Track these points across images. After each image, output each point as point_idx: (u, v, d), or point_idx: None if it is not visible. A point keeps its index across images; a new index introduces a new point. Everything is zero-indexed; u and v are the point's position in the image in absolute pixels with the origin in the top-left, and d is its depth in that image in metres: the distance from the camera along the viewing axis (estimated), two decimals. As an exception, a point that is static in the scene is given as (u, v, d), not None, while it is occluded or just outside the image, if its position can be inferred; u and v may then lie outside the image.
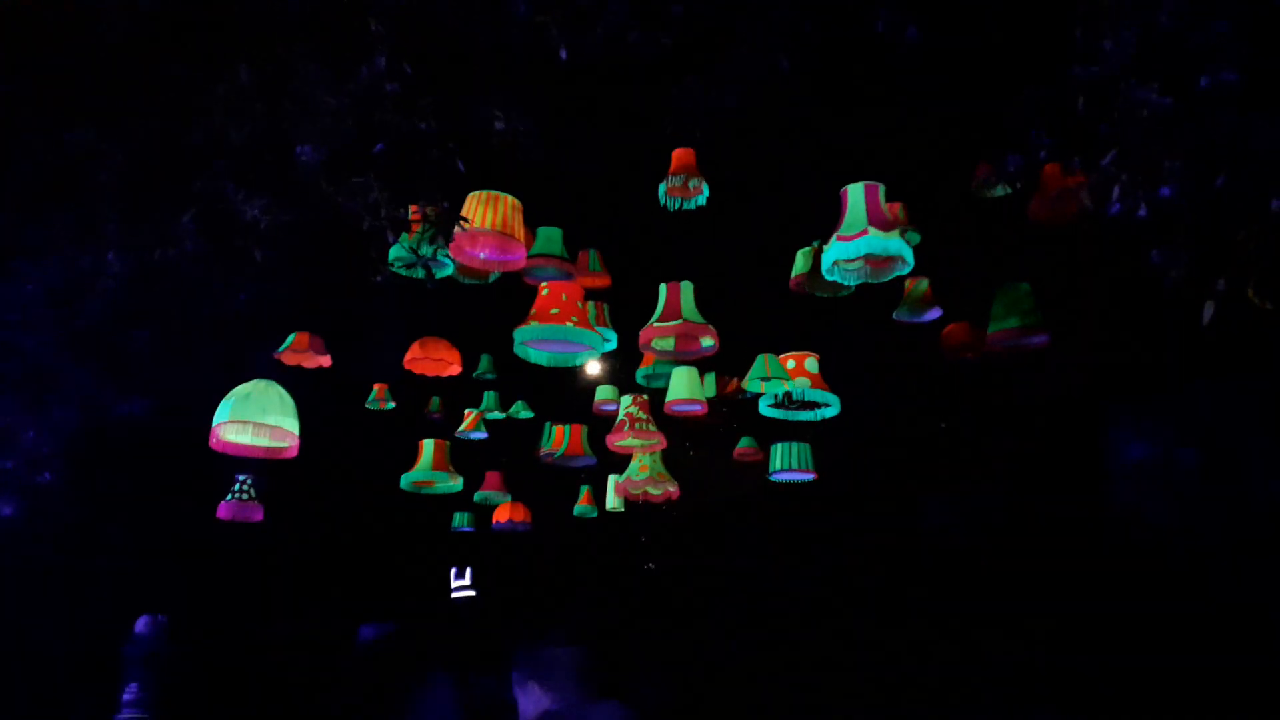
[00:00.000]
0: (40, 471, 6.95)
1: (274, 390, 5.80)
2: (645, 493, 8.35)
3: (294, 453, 6.03)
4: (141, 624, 6.57)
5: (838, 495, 10.21)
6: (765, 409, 7.14)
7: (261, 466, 7.15)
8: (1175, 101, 3.38)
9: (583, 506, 10.63)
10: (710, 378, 8.42)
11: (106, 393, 6.55)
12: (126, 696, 6.25)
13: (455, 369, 7.79)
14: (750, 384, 7.32)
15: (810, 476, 8.43)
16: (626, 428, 7.45)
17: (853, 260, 5.35)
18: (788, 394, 6.73)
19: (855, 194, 5.16)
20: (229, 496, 8.44)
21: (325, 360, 7.29)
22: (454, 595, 13.97)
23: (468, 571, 14.03)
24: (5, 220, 5.56)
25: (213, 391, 5.79)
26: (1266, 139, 3.24)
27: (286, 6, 4.40)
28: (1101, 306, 6.64)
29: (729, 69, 5.06)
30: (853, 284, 5.51)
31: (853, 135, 5.74)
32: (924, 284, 7.12)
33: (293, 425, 5.82)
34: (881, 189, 5.16)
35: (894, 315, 7.24)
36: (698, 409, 7.56)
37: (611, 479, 9.88)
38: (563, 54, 4.35)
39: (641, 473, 8.21)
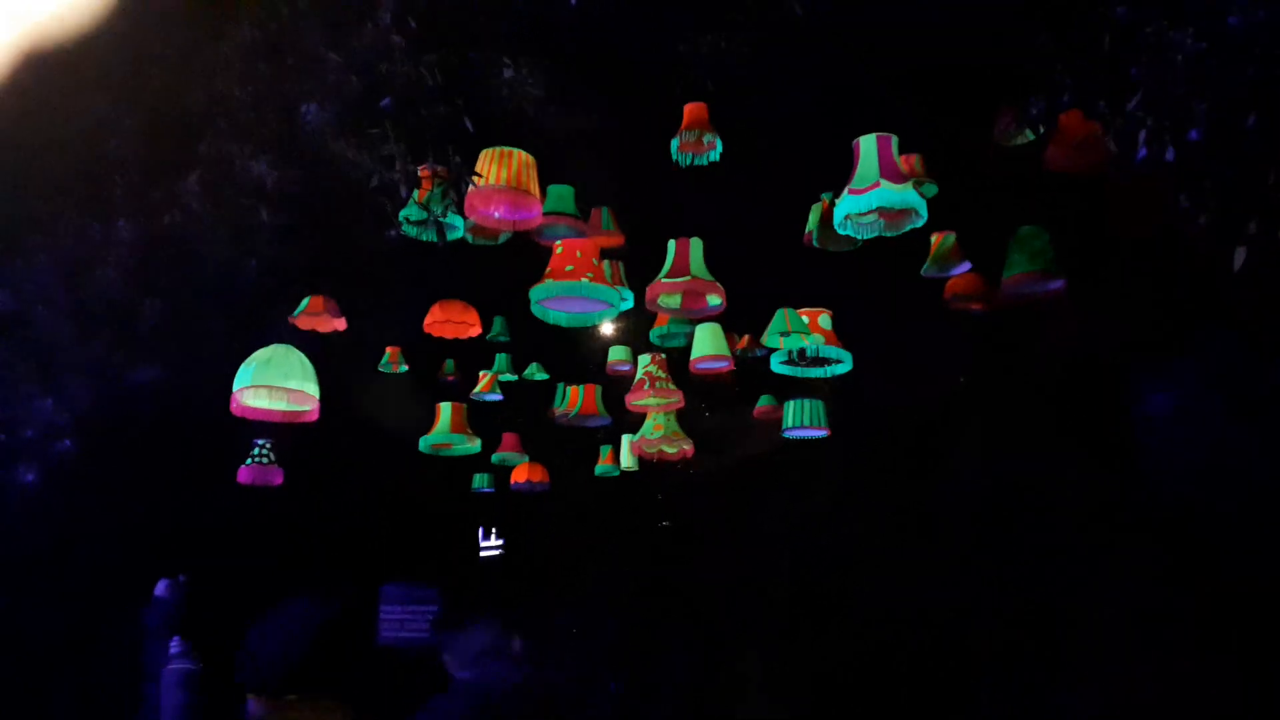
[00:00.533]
0: (60, 439, 6.99)
1: (293, 354, 5.84)
2: (661, 451, 8.33)
3: (315, 416, 6.08)
4: (161, 587, 6.60)
5: (854, 453, 10.18)
6: (777, 366, 7.08)
7: (280, 430, 7.16)
8: (1204, 41, 3.26)
9: (604, 466, 10.63)
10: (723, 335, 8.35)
11: (119, 362, 6.56)
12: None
13: (475, 330, 7.77)
14: (769, 339, 7.25)
15: (824, 433, 8.39)
16: (646, 386, 7.41)
17: (866, 213, 5.25)
18: (801, 350, 6.66)
19: (867, 146, 5.05)
20: (248, 461, 8.48)
21: (340, 323, 7.27)
22: (483, 554, 14.14)
23: (494, 531, 14.19)
24: (17, 196, 5.54)
25: (226, 358, 5.80)
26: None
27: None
28: (1126, 255, 6.51)
29: (741, 15, 4.94)
30: (867, 237, 5.41)
31: (869, 83, 5.62)
32: (951, 238, 6.97)
33: (313, 389, 5.88)
34: (895, 140, 5.05)
35: (922, 271, 7.10)
36: (724, 365, 7.49)
37: (626, 439, 9.88)
38: (572, 1, 4.25)
39: (656, 431, 8.18)
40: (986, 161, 5.94)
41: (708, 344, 7.32)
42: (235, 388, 5.75)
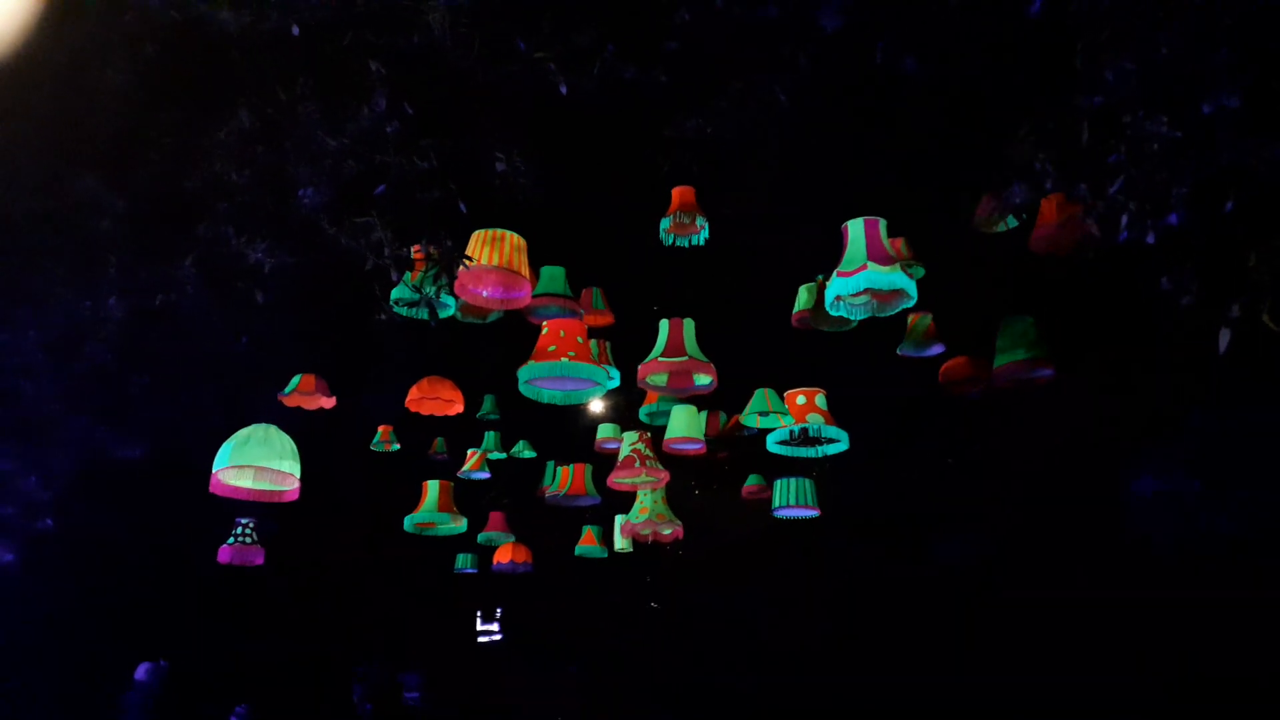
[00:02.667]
0: (41, 517, 6.89)
1: (274, 434, 5.77)
2: (655, 532, 8.27)
3: (295, 496, 5.99)
4: (142, 670, 6.46)
5: (845, 532, 10.14)
6: (773, 445, 7.07)
7: (263, 510, 7.08)
8: (1179, 129, 3.36)
9: (585, 547, 10.51)
10: (702, 416, 8.36)
11: (105, 437, 6.50)
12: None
13: (458, 408, 7.75)
14: (747, 418, 7.27)
15: (814, 513, 8.35)
16: (637, 464, 7.39)
17: (857, 295, 5.32)
18: (803, 429, 6.66)
19: (855, 229, 5.14)
20: (230, 540, 8.36)
21: (329, 401, 7.25)
22: (480, 639, 13.90)
23: (497, 614, 13.98)
24: (6, 267, 5.56)
25: (213, 434, 5.76)
26: (1271, 161, 3.22)
27: (286, 48, 4.41)
28: (1109, 338, 6.60)
29: (727, 104, 5.06)
30: (859, 318, 5.47)
31: (854, 169, 5.74)
32: (926, 319, 7.12)
33: (294, 468, 5.79)
34: (882, 223, 5.14)
35: (898, 350, 7.23)
36: (696, 447, 7.50)
37: (618, 519, 9.79)
38: (562, 89, 4.35)
39: (641, 514, 8.13)
40: (972, 245, 6.04)
41: (682, 425, 7.34)
42: (215, 467, 5.68)
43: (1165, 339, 5.47)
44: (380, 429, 9.07)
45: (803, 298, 6.69)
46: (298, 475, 5.85)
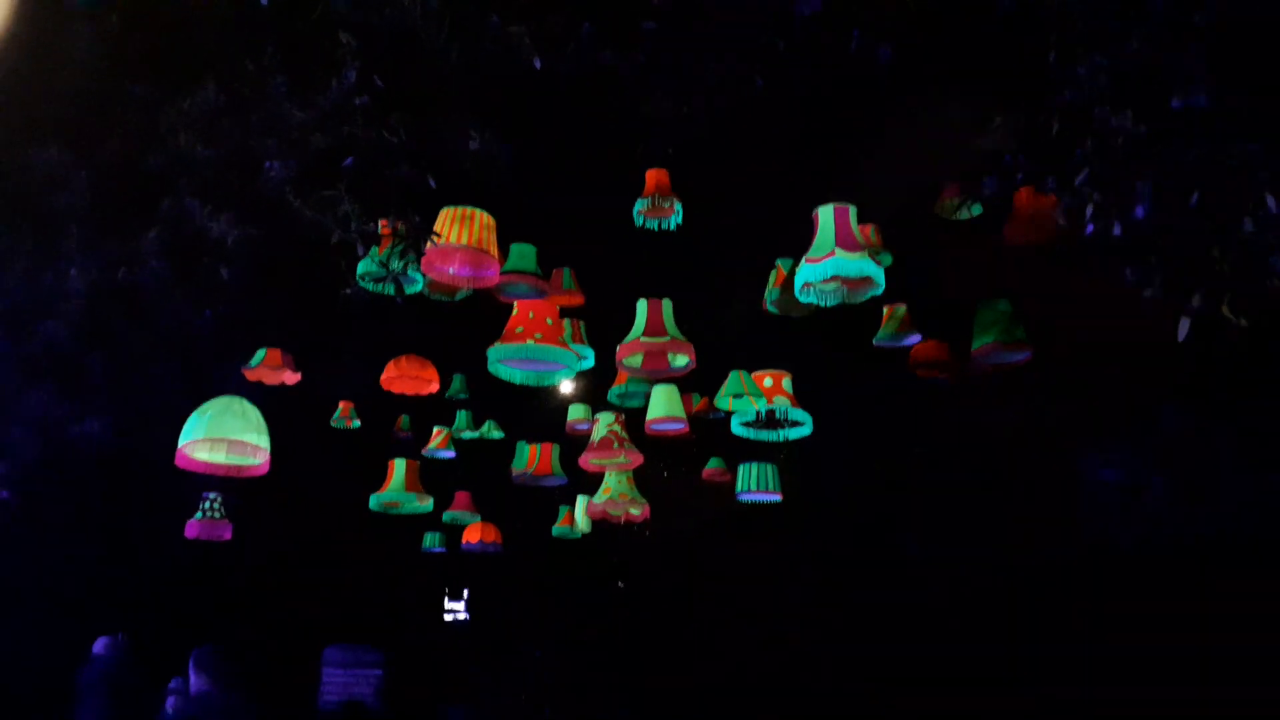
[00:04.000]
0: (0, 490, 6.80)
1: (244, 406, 5.68)
2: (627, 513, 8.29)
3: (265, 469, 5.90)
4: (100, 645, 6.39)
5: (807, 517, 10.21)
6: (737, 428, 7.10)
7: (229, 485, 7.01)
8: (1148, 125, 3.39)
9: (562, 527, 10.52)
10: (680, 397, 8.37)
11: (64, 412, 6.41)
12: (173, 685, 6.20)
13: (433, 387, 7.71)
14: (721, 400, 7.29)
15: (776, 498, 8.40)
16: (615, 445, 7.40)
17: (826, 281, 5.35)
18: (770, 411, 6.69)
19: (825, 216, 5.17)
20: (197, 515, 8.29)
21: (293, 376, 7.19)
22: (447, 617, 13.89)
23: (464, 594, 13.95)
24: None
25: (176, 409, 5.68)
26: (1237, 159, 3.26)
27: (255, 20, 4.33)
28: (1079, 327, 6.67)
29: (702, 87, 5.04)
30: (829, 304, 5.49)
31: (828, 155, 5.75)
32: (902, 309, 7.15)
33: (263, 441, 5.69)
34: (852, 210, 5.16)
35: (874, 341, 7.25)
36: (679, 427, 7.51)
37: (581, 499, 9.80)
38: (536, 63, 4.31)
39: (604, 494, 8.16)
40: (943, 234, 6.09)
41: (663, 405, 7.34)
42: (182, 440, 5.56)
43: (1130, 331, 5.54)
44: (341, 405, 9.00)
45: (772, 282, 6.71)
46: (267, 448, 5.75)
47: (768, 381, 6.83)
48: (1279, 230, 3.30)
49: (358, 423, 9.03)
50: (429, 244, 4.98)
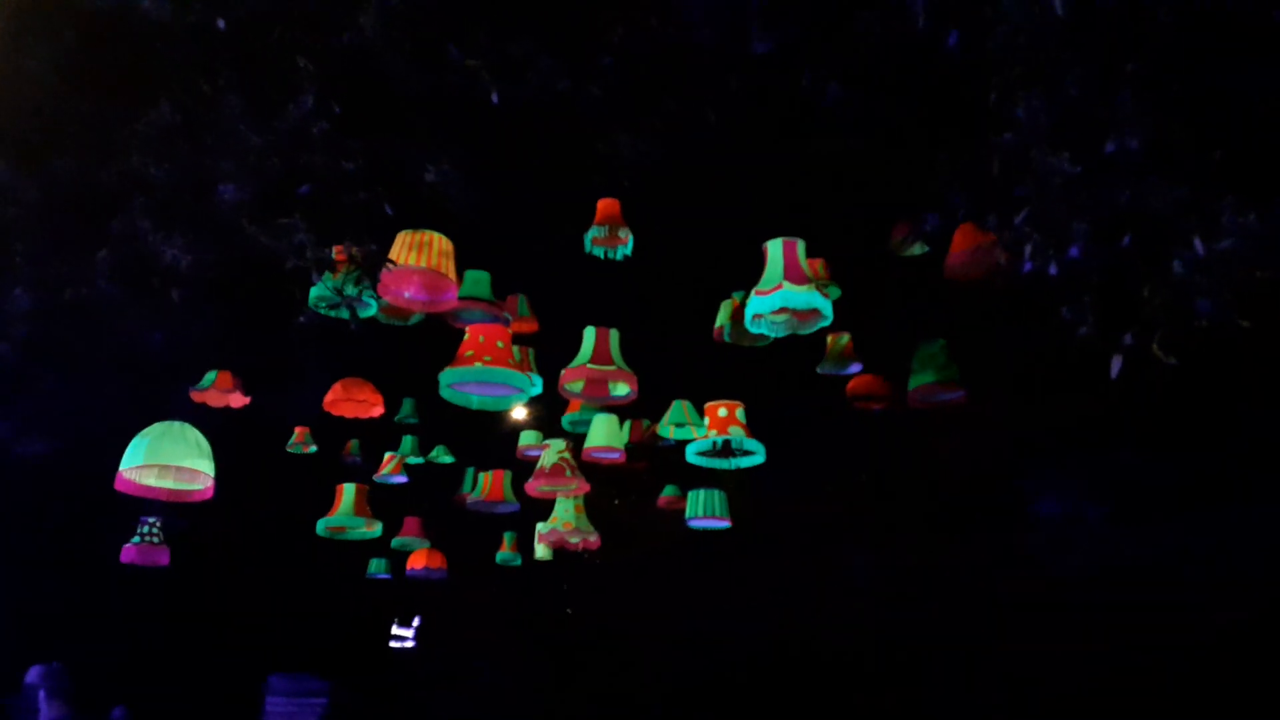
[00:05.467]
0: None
1: (186, 430, 5.59)
2: (571, 541, 8.28)
3: (208, 495, 5.80)
4: (33, 674, 6.25)
5: (757, 543, 10.28)
6: (692, 456, 7.16)
7: (172, 508, 6.89)
8: (1083, 167, 3.54)
9: (505, 554, 10.47)
10: (627, 425, 8.42)
11: (7, 431, 6.28)
12: (115, 715, 6.02)
13: (378, 410, 7.65)
14: (663, 429, 7.36)
15: (725, 524, 8.46)
16: (566, 473, 7.42)
17: (777, 312, 5.45)
18: (726, 441, 6.76)
19: (774, 249, 5.29)
20: (135, 539, 8.11)
21: (239, 400, 7.11)
22: (393, 644, 13.69)
23: (415, 621, 13.76)
24: None
25: (121, 431, 5.59)
26: (1167, 202, 3.41)
27: (212, 41, 4.34)
28: (1016, 362, 6.86)
29: (657, 120, 5.14)
30: (779, 335, 5.59)
31: (778, 188, 5.86)
32: (845, 339, 7.29)
33: (207, 467, 5.61)
34: (800, 244, 5.28)
35: (818, 369, 7.39)
36: (615, 456, 7.55)
37: (539, 526, 9.77)
38: (494, 98, 4.38)
39: (552, 523, 8.16)
40: (888, 268, 6.23)
41: (602, 434, 7.39)
42: (123, 465, 5.45)
43: (1066, 367, 5.71)
44: (296, 430, 8.91)
45: (723, 313, 6.80)
46: (211, 473, 5.66)
47: (722, 412, 6.90)
48: (1206, 272, 3.46)
49: (314, 448, 8.94)
50: (385, 270, 4.99)
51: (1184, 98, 3.73)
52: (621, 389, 6.55)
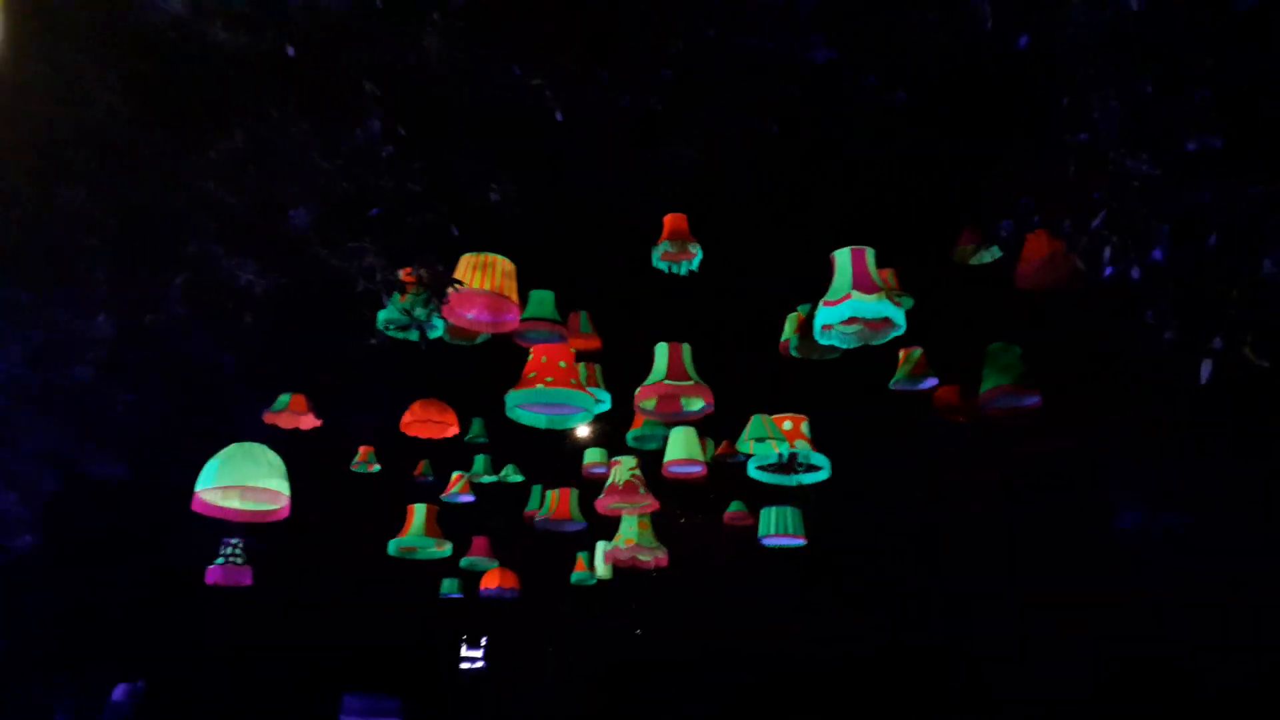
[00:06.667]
0: (20, 535, 6.82)
1: (261, 451, 5.64)
2: (635, 559, 8.24)
3: (285, 514, 5.85)
4: (119, 692, 6.40)
5: (830, 563, 10.13)
6: (753, 471, 7.08)
7: (250, 530, 7.01)
8: (1162, 167, 3.41)
9: (580, 574, 10.43)
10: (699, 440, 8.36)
11: (86, 454, 6.45)
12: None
13: (452, 430, 7.72)
14: (743, 444, 7.28)
15: (800, 542, 8.33)
16: (639, 490, 7.40)
17: (848, 323, 5.36)
18: (793, 455, 6.66)
19: (842, 259, 5.19)
20: (218, 560, 8.28)
21: (315, 421, 7.23)
22: (463, 666, 13.77)
23: (482, 642, 13.84)
24: None
25: (195, 452, 5.69)
26: (1253, 199, 3.27)
27: (281, 68, 4.42)
28: (1095, 371, 6.65)
29: (719, 132, 5.11)
30: (850, 346, 5.49)
31: (845, 199, 5.79)
32: (917, 352, 7.14)
33: (283, 487, 5.65)
34: (870, 253, 5.18)
35: (891, 384, 7.25)
36: (697, 470, 7.48)
37: (600, 546, 9.75)
38: (558, 115, 4.38)
39: (622, 541, 8.13)
40: (960, 278, 6.10)
41: (681, 448, 7.31)
42: (198, 486, 5.49)
43: (1150, 373, 5.52)
44: (360, 450, 9.02)
45: (789, 327, 6.73)
46: (287, 493, 5.70)
47: (787, 425, 6.82)
48: (1298, 271, 3.30)
49: (378, 466, 9.05)
50: (451, 291, 5.03)
51: (1265, 90, 3.58)
52: (696, 404, 6.51)
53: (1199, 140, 3.35)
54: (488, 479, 9.52)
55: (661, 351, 6.46)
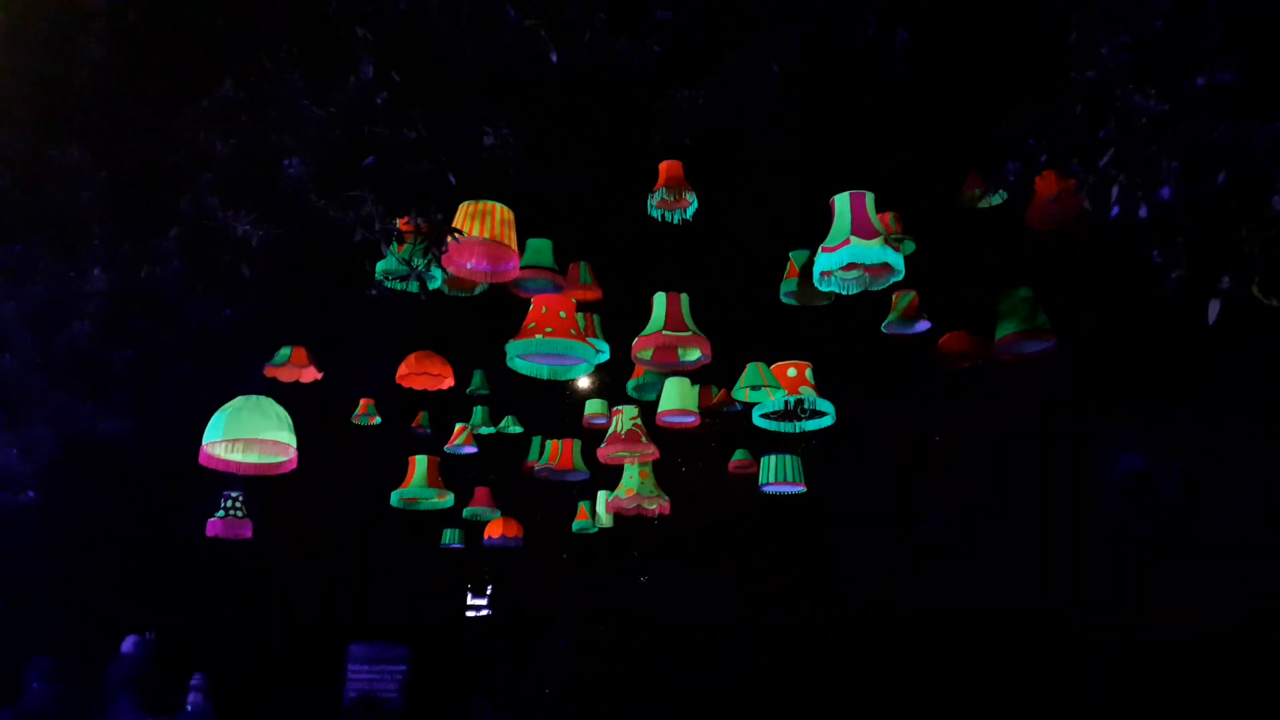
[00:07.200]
0: (22, 490, 6.84)
1: (267, 404, 5.59)
2: (639, 507, 8.28)
3: (292, 466, 5.80)
4: (128, 644, 6.46)
5: (830, 508, 10.20)
6: (758, 420, 7.07)
7: (250, 482, 7.02)
8: (1172, 103, 3.36)
9: (581, 522, 10.51)
10: (695, 389, 8.36)
11: (88, 412, 6.44)
12: (194, 681, 6.32)
13: (448, 383, 7.70)
14: (738, 392, 7.27)
15: (800, 489, 8.37)
16: (642, 439, 7.41)
17: (848, 269, 5.31)
18: (799, 402, 6.65)
19: (841, 204, 5.12)
20: (218, 513, 8.31)
21: (311, 374, 7.21)
22: (469, 613, 13.92)
23: (489, 589, 13.97)
24: None
25: (197, 407, 5.67)
26: (1264, 136, 3.22)
27: (272, 15, 4.34)
28: (1101, 313, 6.62)
29: (718, 76, 5.02)
30: (851, 292, 5.45)
31: (846, 144, 5.71)
32: (909, 295, 7.08)
33: (290, 439, 5.58)
34: (869, 197, 5.11)
35: (883, 327, 7.19)
36: (689, 420, 7.49)
37: (601, 495, 9.79)
38: (553, 57, 4.31)
39: (625, 491, 8.15)
40: (964, 221, 6.04)
41: (675, 398, 7.31)
42: (206, 440, 5.43)
43: (1156, 315, 5.49)
44: (361, 402, 9.02)
45: (786, 275, 6.68)
46: (294, 445, 5.67)
47: (791, 372, 6.79)
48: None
49: (379, 419, 9.05)
50: (450, 240, 4.98)
51: (1277, 23, 3.51)
52: (693, 354, 6.48)
53: (1208, 75, 3.29)
54: (486, 430, 9.53)
55: (660, 301, 6.42)
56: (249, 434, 5.36)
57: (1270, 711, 6.82)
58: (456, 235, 4.97)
